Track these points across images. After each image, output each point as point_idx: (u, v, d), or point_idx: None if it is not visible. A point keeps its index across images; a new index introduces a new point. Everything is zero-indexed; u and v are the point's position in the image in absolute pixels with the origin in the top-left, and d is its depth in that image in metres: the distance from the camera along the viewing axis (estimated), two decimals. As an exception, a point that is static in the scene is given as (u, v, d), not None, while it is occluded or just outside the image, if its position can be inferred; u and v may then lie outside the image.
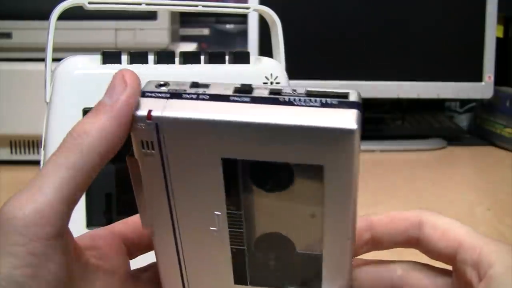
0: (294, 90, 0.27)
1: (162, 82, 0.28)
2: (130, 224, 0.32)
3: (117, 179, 0.49)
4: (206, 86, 0.28)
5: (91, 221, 0.49)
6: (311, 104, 0.26)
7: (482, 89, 1.13)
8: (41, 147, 0.50)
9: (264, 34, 1.05)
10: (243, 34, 1.15)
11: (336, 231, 0.28)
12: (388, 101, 1.17)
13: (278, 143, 0.26)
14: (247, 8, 0.56)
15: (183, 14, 1.16)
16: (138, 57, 0.51)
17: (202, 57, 0.53)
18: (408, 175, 0.97)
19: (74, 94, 0.49)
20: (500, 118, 1.16)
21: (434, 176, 0.97)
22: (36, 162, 0.51)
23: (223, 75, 0.53)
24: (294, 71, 0.59)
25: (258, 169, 0.28)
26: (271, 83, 0.53)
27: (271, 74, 0.53)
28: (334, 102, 0.26)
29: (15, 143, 0.92)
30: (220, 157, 0.27)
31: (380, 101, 1.17)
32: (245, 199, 0.29)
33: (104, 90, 0.28)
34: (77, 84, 0.49)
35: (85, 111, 0.49)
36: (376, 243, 0.32)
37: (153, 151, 0.27)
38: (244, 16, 1.15)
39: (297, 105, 0.26)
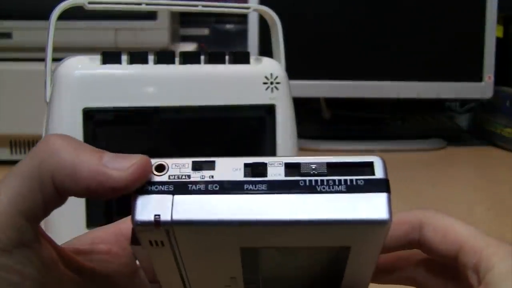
0: (313, 166, 0.24)
1: (159, 163, 0.25)
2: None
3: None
4: (211, 166, 0.24)
5: (91, 221, 0.49)
6: (336, 189, 0.23)
7: (482, 89, 1.13)
8: (41, 147, 0.50)
9: (264, 34, 1.05)
10: (243, 34, 1.15)
11: None
12: (388, 101, 1.17)
13: (304, 235, 0.24)
14: (247, 8, 0.56)
15: (183, 14, 1.16)
16: (138, 57, 0.51)
17: (202, 57, 0.53)
18: (408, 175, 0.97)
19: (74, 94, 0.49)
20: (500, 118, 1.16)
21: (434, 176, 0.97)
22: (36, 162, 0.51)
23: (223, 75, 0.53)
24: (294, 71, 0.59)
25: (281, 253, 0.26)
26: (271, 83, 0.53)
27: (271, 74, 0.53)
28: (360, 183, 0.24)
29: (15, 143, 0.92)
30: (238, 247, 0.25)
31: (380, 101, 1.17)
32: (264, 278, 0.27)
33: (104, 90, 0.27)
34: (77, 84, 0.49)
35: (85, 111, 0.49)
36: None
37: (163, 246, 0.25)
38: (244, 16, 1.15)
39: (321, 192, 0.23)
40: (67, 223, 0.48)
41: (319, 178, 0.24)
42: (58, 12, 0.50)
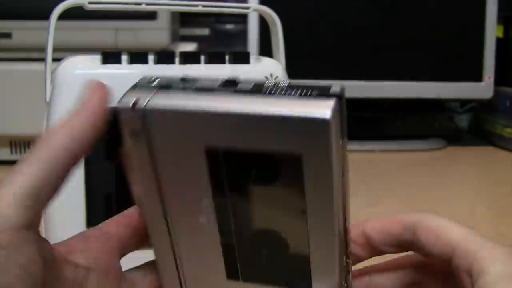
0: (277, 83, 0.27)
1: (155, 77, 0.30)
2: (122, 222, 0.32)
3: (117, 179, 0.49)
4: (195, 80, 0.29)
5: (91, 221, 0.49)
6: (291, 95, 0.26)
7: (482, 89, 1.13)
8: (41, 147, 0.50)
9: (264, 34, 1.05)
10: (243, 34, 1.15)
11: (321, 227, 0.28)
12: (388, 101, 1.17)
13: (257, 131, 0.26)
14: (247, 8, 0.56)
15: (183, 14, 1.16)
16: (138, 57, 0.51)
17: (202, 57, 0.53)
18: (408, 175, 0.97)
19: (74, 94, 0.49)
20: (500, 118, 1.16)
21: (434, 176, 0.97)
22: (36, 162, 0.51)
23: (223, 75, 0.53)
24: (294, 71, 0.59)
25: (242, 161, 0.28)
26: (271, 83, 0.53)
27: (271, 74, 0.53)
28: (313, 93, 0.26)
29: (15, 143, 0.92)
30: (203, 145, 0.28)
31: (380, 101, 1.17)
32: (232, 192, 0.29)
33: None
34: (77, 84, 0.49)
35: (85, 111, 0.49)
36: (372, 250, 0.31)
37: (138, 141, 0.28)
38: (244, 16, 1.15)
39: (278, 95, 0.27)
40: (67, 223, 0.48)
41: (278, 89, 0.27)
42: (58, 12, 0.50)
